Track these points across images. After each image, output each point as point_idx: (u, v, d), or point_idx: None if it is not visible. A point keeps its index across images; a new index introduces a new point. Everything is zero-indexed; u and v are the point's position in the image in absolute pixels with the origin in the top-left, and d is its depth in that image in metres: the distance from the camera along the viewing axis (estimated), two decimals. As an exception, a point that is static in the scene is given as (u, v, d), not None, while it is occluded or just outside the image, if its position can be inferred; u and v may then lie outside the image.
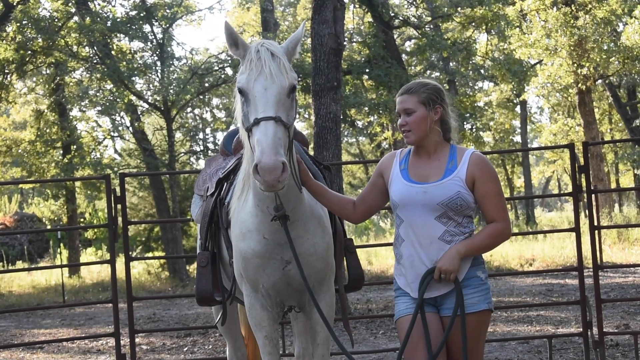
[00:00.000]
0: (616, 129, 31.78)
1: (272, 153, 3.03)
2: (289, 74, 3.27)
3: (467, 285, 3.39)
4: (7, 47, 18.24)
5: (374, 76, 17.22)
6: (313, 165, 4.05)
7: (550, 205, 51.54)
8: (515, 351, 7.28)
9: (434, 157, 3.48)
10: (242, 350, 4.83)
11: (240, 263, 3.69)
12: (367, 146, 36.91)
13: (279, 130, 3.12)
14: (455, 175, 3.41)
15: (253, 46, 3.33)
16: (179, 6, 20.24)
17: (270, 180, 3.02)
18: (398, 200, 3.45)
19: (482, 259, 3.52)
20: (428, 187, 3.40)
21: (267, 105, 3.17)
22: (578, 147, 16.20)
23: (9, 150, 20.76)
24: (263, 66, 3.24)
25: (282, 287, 3.67)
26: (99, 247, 25.38)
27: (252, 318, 3.77)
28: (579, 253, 6.67)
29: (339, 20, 10.11)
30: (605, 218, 19.39)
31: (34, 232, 17.49)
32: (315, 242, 3.64)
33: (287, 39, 3.72)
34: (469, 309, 3.36)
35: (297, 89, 3.32)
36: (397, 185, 3.47)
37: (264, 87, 3.21)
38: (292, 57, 3.42)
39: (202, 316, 11.73)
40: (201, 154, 24.72)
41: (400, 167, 3.51)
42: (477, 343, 3.41)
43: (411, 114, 3.46)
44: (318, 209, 3.73)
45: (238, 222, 3.70)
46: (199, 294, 4.03)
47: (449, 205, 3.36)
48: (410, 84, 3.58)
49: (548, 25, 20.09)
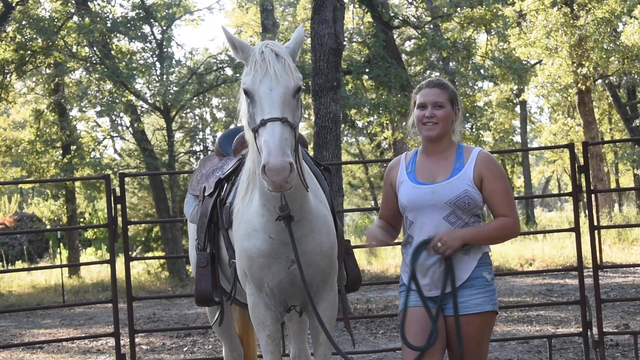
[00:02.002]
0: (616, 129, 31.78)
1: (279, 154, 3.04)
2: (294, 75, 3.27)
3: (473, 285, 3.38)
4: (6, 47, 18.24)
5: (374, 76, 17.22)
6: (314, 166, 4.05)
7: (550, 205, 51.55)
8: (515, 351, 7.27)
9: (442, 157, 3.48)
10: (238, 350, 4.83)
11: (245, 262, 3.69)
12: (367, 146, 36.88)
13: (285, 131, 3.12)
14: (462, 173, 3.41)
15: (257, 47, 3.34)
16: (178, 6, 20.24)
17: (278, 181, 3.03)
18: (406, 203, 3.45)
19: (490, 260, 3.51)
20: (435, 187, 3.40)
21: (273, 106, 3.17)
22: (578, 147, 16.19)
23: (9, 150, 20.77)
24: (268, 67, 3.24)
25: (286, 287, 3.67)
26: (99, 247, 25.38)
27: (255, 317, 3.76)
28: (578, 253, 6.66)
29: (338, 20, 10.11)
30: (605, 218, 19.39)
31: (34, 232, 17.51)
32: (321, 241, 3.65)
33: (287, 38, 3.73)
34: (473, 310, 3.35)
35: (302, 89, 3.32)
36: (405, 188, 3.48)
37: (270, 88, 3.21)
38: (296, 57, 3.42)
39: (202, 316, 11.73)
40: (201, 154, 24.73)
41: (407, 170, 3.52)
42: (480, 344, 3.38)
43: (440, 108, 3.46)
44: (323, 208, 3.74)
45: (243, 221, 3.70)
46: (198, 295, 4.03)
47: (457, 204, 3.36)
48: (437, 79, 3.60)
49: (549, 25, 20.09)
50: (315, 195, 3.74)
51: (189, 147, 26.39)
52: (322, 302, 3.78)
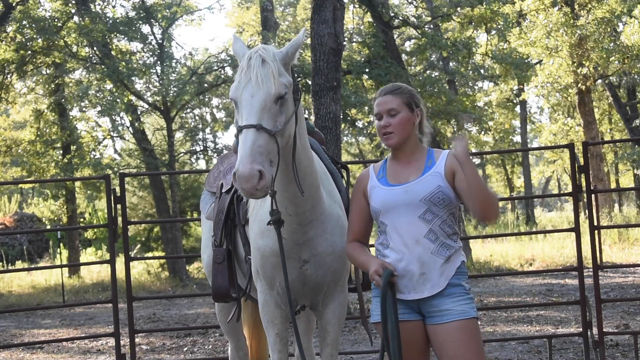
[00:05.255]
0: (616, 129, 31.79)
1: (248, 161, 3.01)
2: (277, 80, 3.21)
3: (453, 293, 3.32)
4: (6, 47, 18.24)
5: (374, 76, 17.20)
6: (331, 164, 4.06)
7: (550, 205, 51.57)
8: (515, 351, 7.27)
9: (412, 159, 3.44)
10: (244, 349, 4.83)
11: (258, 260, 3.72)
12: (367, 146, 36.89)
13: (260, 138, 3.08)
14: (433, 170, 3.37)
15: (247, 53, 3.31)
16: (178, 6, 20.25)
17: (247, 188, 3.02)
18: (380, 206, 3.39)
19: (466, 269, 3.44)
20: (408, 186, 3.35)
21: (251, 113, 3.14)
22: (578, 147, 16.21)
23: (9, 150, 20.78)
24: (251, 73, 3.22)
25: (298, 286, 3.69)
26: (99, 247, 25.39)
27: (265, 315, 3.78)
28: (578, 253, 6.66)
29: (338, 20, 10.10)
30: (605, 218, 19.40)
31: (34, 232, 17.47)
32: (334, 241, 3.65)
33: (287, 39, 3.70)
34: (461, 316, 3.30)
35: (285, 95, 3.23)
36: (377, 192, 3.42)
37: (251, 95, 3.19)
38: (290, 61, 3.38)
39: (202, 316, 11.74)
40: (201, 154, 24.76)
41: (379, 177, 3.46)
42: (479, 348, 3.33)
43: (395, 115, 3.40)
44: (336, 208, 3.73)
45: (257, 220, 3.72)
46: (215, 291, 4.04)
47: (432, 200, 3.31)
48: (389, 85, 3.53)
49: (549, 24, 20.09)
50: (330, 195, 3.73)
51: (189, 147, 26.41)
52: (332, 303, 3.80)
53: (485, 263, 15.94)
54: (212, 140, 28.97)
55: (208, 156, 23.95)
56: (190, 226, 23.32)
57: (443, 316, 3.30)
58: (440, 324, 3.30)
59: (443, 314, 3.30)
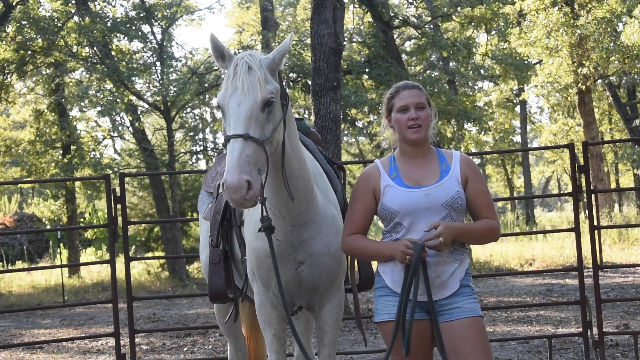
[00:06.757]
0: (616, 129, 31.79)
1: (236, 172, 3.00)
2: (263, 87, 3.19)
3: (463, 292, 3.37)
4: (6, 47, 18.24)
5: (374, 76, 17.22)
6: (327, 165, 4.05)
7: (550, 205, 51.57)
8: (515, 351, 7.27)
9: (425, 160, 3.45)
10: (243, 350, 4.83)
11: (253, 261, 3.72)
12: (367, 146, 36.91)
13: (247, 148, 3.06)
14: (451, 175, 3.40)
15: (234, 60, 3.28)
16: (178, 6, 20.24)
17: (235, 198, 3.01)
18: (398, 208, 3.36)
19: (471, 271, 3.50)
20: (429, 190, 3.36)
21: (237, 122, 3.13)
22: (578, 147, 16.22)
23: (9, 150, 20.77)
24: (237, 81, 3.20)
25: (293, 287, 3.69)
26: (99, 247, 25.38)
27: (261, 316, 3.78)
28: (578, 253, 6.66)
29: (338, 20, 10.10)
30: (605, 218, 19.39)
31: (34, 232, 17.49)
32: (329, 242, 3.65)
33: (285, 39, 3.67)
34: (471, 313, 3.34)
35: (273, 102, 3.21)
36: (394, 193, 3.39)
37: (238, 103, 3.17)
38: (277, 67, 3.35)
39: (202, 316, 11.74)
40: (201, 154, 24.73)
41: (392, 176, 3.44)
42: (487, 344, 3.37)
43: (422, 110, 3.43)
44: (332, 208, 3.73)
45: (252, 221, 3.71)
46: (212, 291, 4.04)
47: (452, 205, 3.35)
48: (409, 82, 3.55)
49: (549, 24, 20.09)
50: (325, 196, 3.73)
51: (189, 147, 26.39)
52: (328, 303, 3.80)
53: (485, 263, 15.95)
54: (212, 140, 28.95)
55: (208, 156, 23.93)
56: (190, 226, 23.31)
57: (453, 313, 3.34)
58: (450, 320, 3.34)
59: (453, 311, 3.34)
